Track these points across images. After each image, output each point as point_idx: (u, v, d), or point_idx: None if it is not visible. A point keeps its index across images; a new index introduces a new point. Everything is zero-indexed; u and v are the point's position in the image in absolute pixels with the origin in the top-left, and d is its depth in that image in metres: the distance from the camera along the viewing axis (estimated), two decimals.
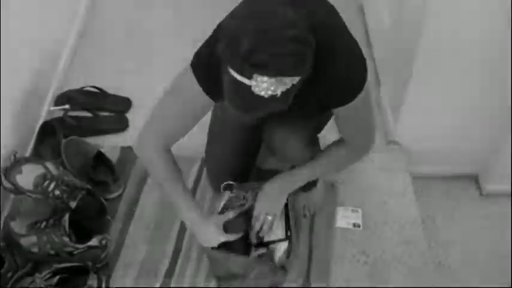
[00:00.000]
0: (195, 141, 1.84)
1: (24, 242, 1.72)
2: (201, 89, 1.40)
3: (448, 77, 1.90)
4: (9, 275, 1.65)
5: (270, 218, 1.67)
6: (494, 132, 2.06)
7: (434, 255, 2.02)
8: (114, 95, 2.28)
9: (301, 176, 1.66)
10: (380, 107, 2.25)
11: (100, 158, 1.98)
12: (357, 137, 1.55)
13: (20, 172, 1.78)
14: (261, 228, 1.69)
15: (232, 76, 1.16)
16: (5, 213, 1.87)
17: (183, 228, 1.87)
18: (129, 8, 2.74)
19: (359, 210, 1.93)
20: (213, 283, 1.77)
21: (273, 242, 1.71)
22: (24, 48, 2.02)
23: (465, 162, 2.20)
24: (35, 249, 1.71)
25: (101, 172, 1.97)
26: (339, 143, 1.59)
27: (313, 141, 1.66)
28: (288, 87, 1.17)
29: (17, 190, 1.79)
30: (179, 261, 1.81)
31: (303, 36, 1.17)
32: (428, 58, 1.86)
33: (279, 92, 1.17)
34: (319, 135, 1.75)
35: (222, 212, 1.70)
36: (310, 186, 1.85)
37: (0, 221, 1.81)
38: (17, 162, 1.80)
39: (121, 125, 2.21)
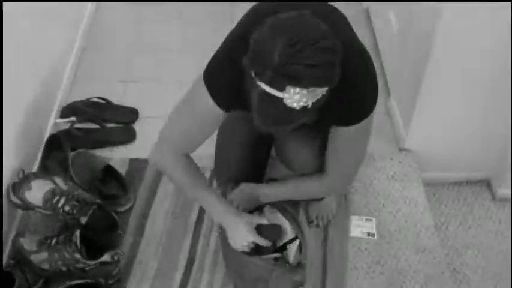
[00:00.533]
0: (203, 151, 1.82)
1: (34, 258, 1.70)
2: (213, 101, 1.39)
3: (459, 83, 1.88)
4: None
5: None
6: (506, 136, 2.03)
7: (449, 262, 1.99)
8: (120, 106, 2.26)
9: (275, 196, 1.71)
10: (390, 115, 2.23)
11: (109, 171, 1.96)
12: (343, 163, 1.54)
13: (30, 188, 1.75)
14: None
15: (263, 89, 1.15)
16: (12, 229, 1.84)
17: (195, 239, 1.86)
18: (133, 19, 2.72)
19: (373, 219, 1.91)
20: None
21: (285, 244, 1.68)
22: (28, 60, 1.99)
23: (477, 167, 2.18)
24: (46, 266, 1.69)
25: (110, 185, 1.95)
26: (320, 175, 1.59)
27: (323, 150, 1.65)
28: (319, 97, 1.16)
29: (26, 206, 1.76)
30: (193, 273, 1.79)
31: (333, 46, 1.15)
32: (439, 65, 1.84)
33: (310, 103, 1.15)
34: None
35: None
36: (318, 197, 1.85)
37: (3, 237, 1.78)
38: (26, 178, 1.77)
39: (128, 136, 2.18)
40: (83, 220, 1.74)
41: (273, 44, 1.11)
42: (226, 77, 1.36)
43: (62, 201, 1.75)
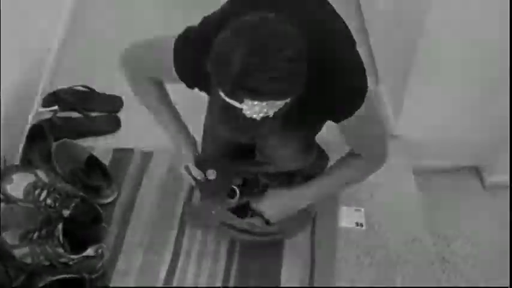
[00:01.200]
0: None
1: (16, 253, 1.65)
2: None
3: (449, 69, 1.85)
4: None
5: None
6: (496, 123, 2.02)
7: (438, 251, 1.98)
8: (104, 94, 2.21)
9: (316, 194, 1.61)
10: (379, 101, 2.19)
11: (92, 161, 1.92)
12: (367, 148, 1.48)
13: (11, 181, 1.71)
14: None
15: (223, 98, 1.10)
16: None
17: (181, 230, 1.82)
18: (119, 4, 2.65)
19: (361, 209, 1.89)
20: (217, 283, 1.72)
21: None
22: (9, 46, 1.94)
23: (467, 154, 2.17)
24: (29, 260, 1.65)
25: (94, 176, 1.90)
26: (348, 157, 1.52)
27: (308, 148, 1.60)
28: (281, 106, 1.12)
29: (7, 199, 1.72)
30: (179, 265, 1.76)
31: (298, 56, 1.09)
32: (428, 49, 1.81)
33: (271, 113, 1.11)
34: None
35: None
36: None
37: None
38: (6, 171, 1.73)
39: (113, 125, 2.13)
40: (66, 213, 1.71)
41: (234, 52, 1.06)
42: (193, 56, 1.29)
43: (44, 194, 1.71)
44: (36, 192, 1.71)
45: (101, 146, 2.04)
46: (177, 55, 1.34)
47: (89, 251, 1.65)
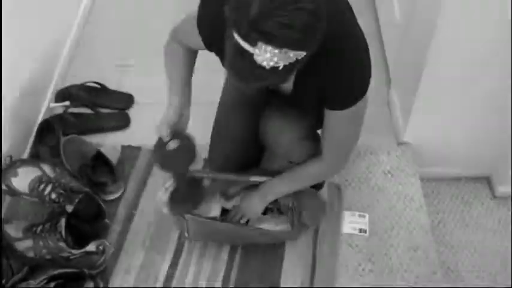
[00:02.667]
0: (199, 140, 1.79)
1: (19, 246, 1.68)
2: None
3: (460, 77, 1.82)
4: (3, 280, 1.61)
5: (242, 221, 1.69)
6: (507, 132, 1.97)
7: (443, 260, 1.95)
8: (115, 91, 2.22)
9: (281, 186, 1.64)
10: (390, 107, 2.17)
11: (100, 157, 1.93)
12: (333, 149, 1.51)
13: (16, 175, 1.74)
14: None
15: (236, 41, 1.09)
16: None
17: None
18: (131, 4, 2.66)
19: (366, 215, 1.87)
20: (217, 284, 1.72)
21: None
22: (24, 43, 1.97)
23: (477, 163, 2.12)
24: (31, 254, 1.67)
25: (100, 172, 1.92)
26: (316, 158, 1.56)
27: (312, 137, 1.60)
28: (292, 61, 1.10)
29: (12, 192, 1.74)
30: (179, 265, 1.76)
31: (317, 11, 1.09)
32: (440, 57, 1.78)
33: (281, 65, 1.10)
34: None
35: None
36: (316, 188, 1.80)
37: None
38: (12, 165, 1.75)
39: (122, 122, 2.15)
40: (69, 208, 1.72)
41: None
42: (213, 9, 1.30)
43: (49, 188, 1.73)
44: (41, 186, 1.72)
45: (109, 143, 2.06)
46: (199, 13, 1.37)
47: (90, 247, 1.66)
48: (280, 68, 1.10)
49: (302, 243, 1.78)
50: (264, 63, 1.09)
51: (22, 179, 1.74)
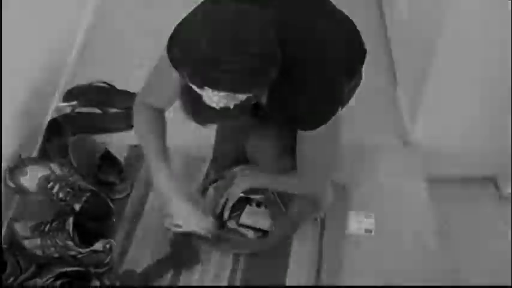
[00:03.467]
0: (203, 141, 1.80)
1: (28, 244, 1.70)
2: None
3: (467, 77, 1.82)
4: (11, 279, 1.62)
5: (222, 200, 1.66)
6: None
7: (450, 261, 1.95)
8: (123, 91, 2.24)
9: (263, 180, 1.65)
10: (396, 107, 2.17)
11: (107, 156, 1.95)
12: (303, 168, 1.48)
13: (25, 173, 1.76)
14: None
15: (185, 81, 1.10)
16: (9, 214, 1.84)
17: None
18: (140, 3, 2.69)
19: (372, 215, 1.87)
20: (223, 282, 1.73)
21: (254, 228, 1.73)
22: (33, 43, 1.99)
23: (484, 164, 2.12)
24: (39, 252, 1.69)
25: (108, 171, 1.93)
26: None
27: (292, 150, 1.60)
28: (243, 100, 1.11)
29: (21, 191, 1.76)
30: None
31: (264, 54, 1.08)
32: (447, 57, 1.78)
33: (231, 105, 1.11)
34: None
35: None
36: None
37: (1, 222, 1.78)
38: (21, 163, 1.77)
39: (130, 121, 2.12)
40: (77, 207, 1.74)
41: (198, 38, 1.05)
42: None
43: (57, 187, 1.75)
44: (49, 185, 1.74)
45: (117, 142, 2.07)
46: (170, 40, 1.33)
47: (97, 245, 1.67)
48: (231, 107, 1.11)
49: (308, 242, 1.78)
50: (214, 105, 1.10)
51: (30, 178, 1.76)
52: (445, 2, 1.69)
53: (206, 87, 1.07)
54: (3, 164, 1.80)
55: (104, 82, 2.21)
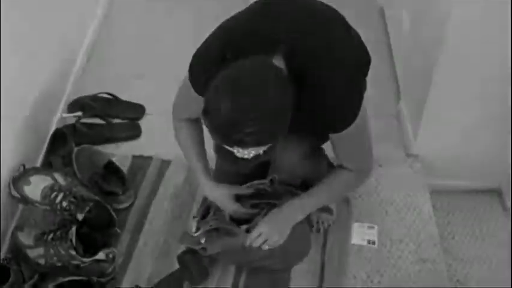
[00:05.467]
0: (209, 151, 1.80)
1: (31, 253, 1.70)
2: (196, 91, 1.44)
3: (469, 89, 1.83)
4: (14, 287, 1.63)
5: (266, 247, 1.59)
6: None
7: (453, 273, 1.94)
8: (127, 102, 2.26)
9: (308, 207, 1.62)
10: (399, 119, 2.18)
11: (111, 167, 1.95)
12: (352, 163, 1.52)
13: (28, 183, 1.76)
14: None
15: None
16: (13, 223, 1.85)
17: None
18: (143, 15, 2.71)
19: (375, 226, 1.87)
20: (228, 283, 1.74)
21: None
22: (37, 54, 2.00)
23: (488, 175, 2.11)
24: (42, 261, 1.69)
25: (112, 182, 1.94)
26: (337, 169, 1.56)
27: (315, 153, 1.63)
28: (271, 145, 1.23)
29: (25, 200, 1.77)
30: None
31: (281, 106, 1.20)
32: (449, 69, 1.79)
33: (261, 151, 1.23)
34: None
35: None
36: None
37: (0, 231, 1.79)
38: (25, 173, 1.78)
39: (134, 132, 2.17)
40: (80, 217, 1.74)
41: (219, 107, 1.18)
42: (206, 65, 1.38)
43: (60, 197, 1.75)
44: (53, 195, 1.75)
45: (120, 153, 2.08)
46: (191, 68, 1.45)
47: (100, 255, 1.68)
48: (261, 153, 1.23)
49: (311, 253, 1.78)
50: (245, 157, 1.23)
51: (34, 187, 1.76)
52: (446, 15, 1.70)
53: (235, 146, 1.20)
54: (7, 174, 1.81)
55: (108, 93, 2.23)
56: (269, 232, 1.56)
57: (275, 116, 1.19)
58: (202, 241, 1.60)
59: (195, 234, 1.61)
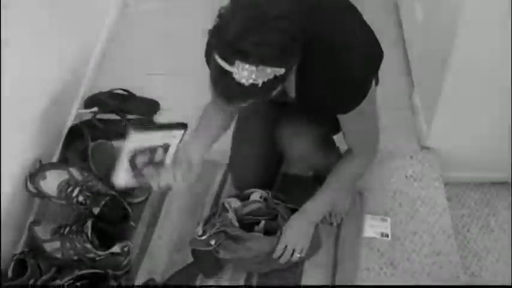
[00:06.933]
0: (220, 146, 1.81)
1: (47, 247, 1.74)
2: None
3: (484, 81, 1.81)
4: (31, 281, 1.66)
5: (298, 255, 1.63)
6: None
7: (467, 266, 1.93)
8: (142, 98, 2.27)
9: (324, 202, 1.64)
10: (413, 110, 2.17)
11: None
12: (357, 145, 1.53)
13: (44, 178, 1.79)
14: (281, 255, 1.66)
15: (217, 62, 1.17)
16: (30, 217, 1.88)
17: None
18: (159, 11, 2.73)
19: (388, 219, 1.87)
20: (240, 282, 1.75)
21: None
22: (54, 51, 2.03)
23: (501, 167, 2.09)
24: (59, 255, 1.73)
25: None
26: (347, 154, 1.57)
27: (326, 143, 1.63)
28: (270, 77, 1.17)
29: (41, 195, 1.80)
30: None
31: (291, 30, 1.16)
32: (463, 60, 1.77)
33: (260, 82, 1.17)
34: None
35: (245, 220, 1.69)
36: None
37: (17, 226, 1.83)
38: (41, 168, 1.81)
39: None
40: (96, 211, 1.77)
41: (232, 18, 1.15)
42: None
43: (76, 191, 1.78)
44: (69, 189, 1.78)
45: None
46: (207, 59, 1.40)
47: (115, 248, 1.70)
48: (260, 85, 1.17)
49: (324, 246, 1.78)
50: (243, 81, 1.16)
51: (50, 182, 1.79)
52: (460, 6, 1.68)
53: (237, 62, 1.14)
54: (24, 169, 1.84)
55: (123, 89, 2.25)
56: (294, 241, 1.60)
57: (284, 36, 1.16)
58: (212, 242, 1.62)
59: (202, 238, 1.63)
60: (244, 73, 1.15)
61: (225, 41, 1.14)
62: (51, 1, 1.98)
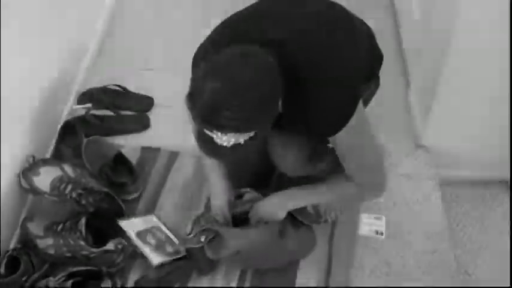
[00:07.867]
0: None
1: (40, 243, 1.72)
2: None
3: (480, 80, 1.81)
4: (24, 277, 1.64)
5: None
6: None
7: (461, 264, 1.93)
8: (136, 94, 2.26)
9: (305, 199, 1.64)
10: (408, 109, 2.17)
11: (120, 158, 1.96)
12: (360, 176, 1.49)
13: (38, 174, 1.78)
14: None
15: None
16: (23, 213, 1.87)
17: None
18: (155, 7, 2.71)
19: (383, 217, 1.87)
20: (233, 283, 1.73)
21: None
22: (47, 47, 2.02)
23: (497, 166, 2.10)
24: (52, 251, 1.71)
25: (120, 173, 1.95)
26: (344, 176, 1.52)
27: (317, 156, 1.60)
28: (251, 134, 1.21)
29: (34, 191, 1.79)
30: None
31: (265, 94, 1.19)
32: (459, 59, 1.77)
33: (242, 141, 1.21)
34: None
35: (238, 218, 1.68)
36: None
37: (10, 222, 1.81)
38: (34, 164, 1.79)
39: (142, 124, 2.18)
40: (89, 207, 1.76)
41: (204, 88, 1.17)
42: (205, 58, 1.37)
43: (69, 188, 1.77)
44: (62, 186, 1.76)
45: (129, 144, 2.09)
46: (192, 69, 1.47)
47: (109, 245, 1.69)
48: (242, 143, 1.21)
49: (318, 244, 1.78)
50: (225, 144, 1.21)
51: (43, 178, 1.78)
52: (457, 5, 1.68)
53: (215, 131, 1.19)
54: (17, 165, 1.82)
55: (117, 85, 2.24)
56: (262, 213, 1.62)
57: (257, 104, 1.19)
58: (202, 239, 1.61)
59: (190, 236, 1.64)
60: (224, 138, 1.20)
61: (201, 116, 1.19)
62: None
